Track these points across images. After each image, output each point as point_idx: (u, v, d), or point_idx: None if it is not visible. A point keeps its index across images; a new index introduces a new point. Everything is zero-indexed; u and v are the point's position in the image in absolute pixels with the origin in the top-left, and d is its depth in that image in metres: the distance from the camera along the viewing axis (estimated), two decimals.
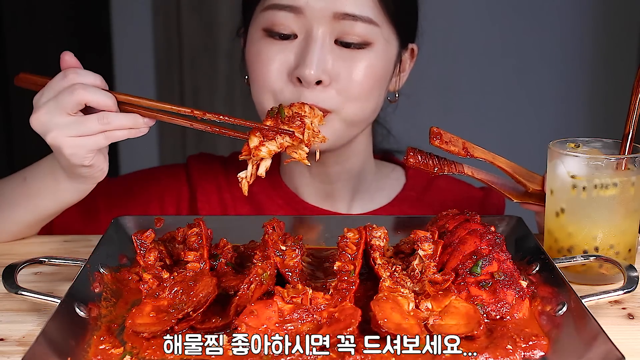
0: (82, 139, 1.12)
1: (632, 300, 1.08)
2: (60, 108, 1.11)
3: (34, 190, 1.26)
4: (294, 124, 1.15)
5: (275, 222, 1.14)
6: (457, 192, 1.54)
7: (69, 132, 1.11)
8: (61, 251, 1.29)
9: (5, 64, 2.83)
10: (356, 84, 1.28)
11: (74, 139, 1.11)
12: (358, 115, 1.32)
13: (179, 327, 0.94)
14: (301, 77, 1.25)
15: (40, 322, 1.00)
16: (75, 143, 1.12)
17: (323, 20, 1.26)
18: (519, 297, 1.00)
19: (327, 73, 1.26)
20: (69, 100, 1.10)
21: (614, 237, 1.15)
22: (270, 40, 1.29)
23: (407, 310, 0.96)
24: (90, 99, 1.11)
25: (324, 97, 1.27)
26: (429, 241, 1.08)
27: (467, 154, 1.21)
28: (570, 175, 1.14)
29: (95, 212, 1.45)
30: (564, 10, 3.40)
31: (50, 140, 1.12)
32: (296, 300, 0.96)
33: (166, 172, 1.54)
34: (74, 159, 1.13)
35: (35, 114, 1.13)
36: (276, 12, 1.27)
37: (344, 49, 1.28)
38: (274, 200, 1.48)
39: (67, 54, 1.16)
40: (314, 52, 1.25)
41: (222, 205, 1.48)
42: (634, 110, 1.15)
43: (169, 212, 1.48)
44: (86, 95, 1.10)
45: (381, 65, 1.31)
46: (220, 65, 3.43)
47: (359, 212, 1.49)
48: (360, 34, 1.27)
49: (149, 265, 1.07)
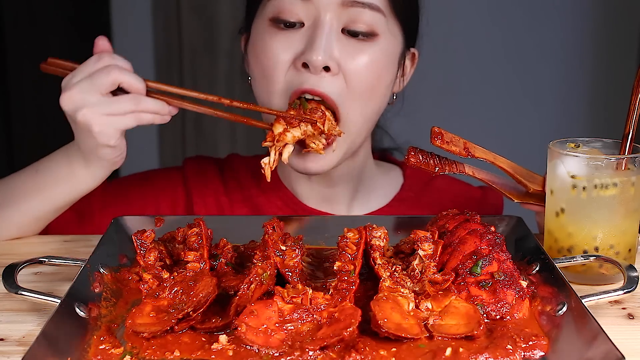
0: (113, 118, 1.15)
1: (632, 300, 1.08)
2: (94, 87, 1.15)
3: (48, 180, 1.28)
4: (316, 115, 1.23)
5: (275, 222, 1.14)
6: (456, 192, 1.54)
7: (100, 110, 1.15)
8: (61, 251, 1.29)
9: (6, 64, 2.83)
10: (361, 77, 1.28)
11: (105, 117, 1.15)
12: (360, 119, 1.31)
13: (179, 327, 0.94)
14: (308, 61, 1.24)
15: (40, 322, 1.00)
16: (105, 121, 1.15)
17: (331, 6, 1.26)
18: (519, 297, 1.00)
19: (334, 60, 1.25)
20: (105, 80, 1.15)
21: (614, 237, 1.15)
22: (276, 30, 1.29)
23: (407, 310, 0.96)
24: (125, 80, 1.16)
25: (331, 86, 1.26)
26: (429, 241, 1.08)
27: (468, 154, 1.21)
28: (570, 175, 1.14)
29: (90, 215, 1.44)
30: (564, 11, 3.40)
31: (80, 117, 1.15)
32: (296, 300, 0.96)
33: (162, 175, 1.53)
34: (101, 137, 1.16)
35: (67, 93, 1.16)
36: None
37: (351, 38, 1.27)
38: (273, 202, 1.47)
39: (101, 38, 1.21)
40: (321, 38, 1.25)
41: (219, 207, 1.47)
42: (634, 110, 1.15)
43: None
44: (121, 76, 1.15)
45: (386, 59, 1.31)
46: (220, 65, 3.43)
47: (357, 214, 1.48)
48: (367, 22, 1.27)
49: (149, 265, 1.07)
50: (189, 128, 3.55)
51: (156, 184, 1.50)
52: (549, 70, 3.45)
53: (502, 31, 3.41)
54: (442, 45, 3.29)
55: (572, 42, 3.43)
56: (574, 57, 3.45)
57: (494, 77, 3.45)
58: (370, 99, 1.31)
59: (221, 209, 1.47)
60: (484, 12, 3.41)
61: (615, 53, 3.41)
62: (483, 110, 3.47)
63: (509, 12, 3.40)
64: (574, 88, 3.48)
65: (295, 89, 1.27)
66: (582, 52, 3.45)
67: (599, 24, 3.42)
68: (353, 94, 1.28)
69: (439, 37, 3.19)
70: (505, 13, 3.40)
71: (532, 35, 3.42)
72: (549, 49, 3.43)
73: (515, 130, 3.45)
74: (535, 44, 3.42)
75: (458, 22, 3.38)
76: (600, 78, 3.46)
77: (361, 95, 1.29)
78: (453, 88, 3.45)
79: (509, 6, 3.40)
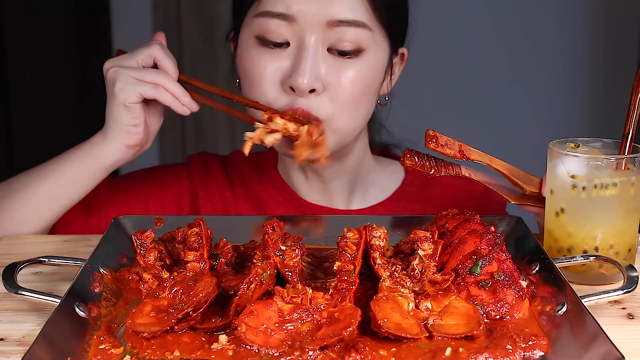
0: (137, 81, 1.27)
1: (632, 300, 1.08)
2: (133, 56, 1.29)
3: (65, 159, 1.35)
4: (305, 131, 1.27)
5: (275, 222, 1.14)
6: (458, 187, 1.54)
7: (128, 71, 1.27)
8: (61, 251, 1.29)
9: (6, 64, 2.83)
10: (347, 93, 1.29)
11: (130, 77, 1.27)
12: (349, 126, 1.33)
13: (179, 327, 0.94)
14: (294, 86, 1.26)
15: (40, 322, 1.00)
16: (129, 80, 1.26)
17: (316, 27, 1.26)
18: (518, 297, 1.00)
19: (319, 81, 1.27)
20: (143, 52, 1.29)
21: (614, 237, 1.15)
22: (263, 49, 1.30)
23: (407, 310, 0.96)
24: (161, 56, 1.29)
25: (317, 104, 1.28)
26: (429, 241, 1.08)
27: (463, 156, 1.21)
28: (570, 175, 1.14)
29: (96, 210, 1.46)
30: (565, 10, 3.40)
31: (111, 73, 1.28)
32: (296, 300, 0.96)
33: (167, 171, 1.55)
34: (121, 94, 1.27)
35: (111, 60, 1.31)
36: (269, 19, 1.27)
37: (337, 57, 1.28)
38: (274, 197, 1.49)
39: (159, 34, 1.35)
40: (306, 61, 1.26)
41: (223, 203, 1.49)
42: (634, 110, 1.15)
43: (170, 211, 1.49)
44: (159, 52, 1.29)
45: (372, 73, 1.32)
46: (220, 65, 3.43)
47: (357, 207, 1.49)
48: (353, 39, 1.27)
49: (149, 265, 1.07)
50: (189, 128, 3.55)
51: (162, 179, 1.52)
52: (549, 70, 3.45)
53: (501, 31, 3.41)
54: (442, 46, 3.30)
55: (573, 42, 3.43)
56: (574, 57, 3.45)
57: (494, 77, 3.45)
58: (357, 109, 1.33)
59: (225, 203, 1.49)
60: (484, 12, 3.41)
61: (615, 53, 3.41)
62: (483, 111, 3.47)
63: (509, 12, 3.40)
64: (574, 88, 3.47)
65: (284, 110, 1.29)
66: (582, 51, 3.45)
67: (599, 24, 3.42)
68: (340, 108, 1.30)
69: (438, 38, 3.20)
70: (505, 13, 3.40)
71: (532, 35, 3.42)
72: (549, 49, 3.43)
73: (515, 130, 3.45)
74: (536, 44, 3.42)
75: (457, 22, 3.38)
76: (600, 78, 3.46)
77: (348, 108, 1.30)
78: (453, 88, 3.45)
79: (508, 6, 3.40)
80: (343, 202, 1.49)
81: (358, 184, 1.50)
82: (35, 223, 1.36)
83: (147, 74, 1.27)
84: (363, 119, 1.36)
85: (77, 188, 1.35)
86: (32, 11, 2.91)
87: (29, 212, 1.35)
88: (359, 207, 1.49)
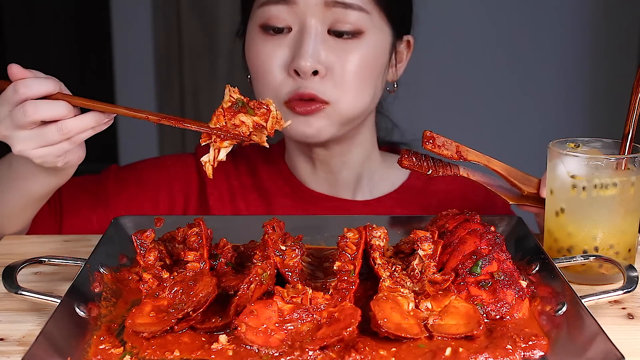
0: (47, 149, 1.13)
1: (632, 300, 1.08)
2: (16, 125, 1.11)
3: (21, 174, 1.27)
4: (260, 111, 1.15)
5: (275, 222, 1.14)
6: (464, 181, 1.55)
7: (32, 145, 1.12)
8: (61, 251, 1.29)
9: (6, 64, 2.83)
10: (350, 74, 1.33)
11: (40, 150, 1.13)
12: (355, 108, 1.36)
13: (179, 327, 0.94)
14: (297, 69, 1.31)
15: (40, 322, 1.00)
16: (42, 153, 1.13)
17: (315, 9, 1.31)
18: (518, 297, 1.00)
19: (322, 63, 1.31)
20: (23, 120, 1.10)
21: (614, 237, 1.15)
22: (266, 36, 1.35)
23: (407, 310, 0.96)
24: (43, 116, 1.10)
25: (322, 87, 1.32)
26: (429, 241, 1.08)
27: (461, 157, 1.21)
28: (570, 175, 1.14)
29: (105, 199, 1.47)
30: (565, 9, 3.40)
31: (17, 152, 1.14)
32: (296, 300, 0.96)
33: (176, 160, 1.57)
34: (46, 165, 1.16)
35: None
36: (270, 6, 1.34)
37: (337, 39, 1.33)
38: (281, 188, 1.52)
39: (13, 66, 1.14)
40: (308, 44, 1.31)
41: (230, 192, 1.52)
42: (634, 110, 1.15)
43: (179, 200, 1.51)
44: (37, 113, 1.10)
45: (373, 55, 1.36)
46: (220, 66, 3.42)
47: (363, 199, 1.51)
48: (351, 21, 1.32)
49: (149, 265, 1.07)
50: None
51: (170, 168, 1.54)
52: (549, 70, 3.45)
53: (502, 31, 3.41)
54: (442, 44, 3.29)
55: (573, 42, 3.43)
56: (574, 57, 3.44)
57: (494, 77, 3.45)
58: (361, 91, 1.36)
59: (232, 194, 1.52)
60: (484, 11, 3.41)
61: (615, 53, 3.40)
62: (483, 110, 3.47)
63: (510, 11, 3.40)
64: (574, 88, 3.47)
65: (290, 96, 1.32)
66: (582, 51, 3.44)
67: (599, 23, 3.42)
68: (343, 90, 1.34)
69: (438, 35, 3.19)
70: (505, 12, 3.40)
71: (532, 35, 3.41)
72: (549, 49, 3.42)
73: (515, 129, 3.45)
74: (536, 43, 3.42)
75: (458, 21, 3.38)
76: (600, 78, 3.46)
77: (352, 89, 1.34)
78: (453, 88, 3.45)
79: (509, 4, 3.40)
80: (349, 193, 1.52)
81: (365, 177, 1.52)
82: (11, 221, 1.34)
83: (49, 138, 1.11)
84: (368, 102, 1.39)
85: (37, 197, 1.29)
86: (32, 11, 2.92)
87: (2, 220, 1.33)
88: (365, 199, 1.51)
